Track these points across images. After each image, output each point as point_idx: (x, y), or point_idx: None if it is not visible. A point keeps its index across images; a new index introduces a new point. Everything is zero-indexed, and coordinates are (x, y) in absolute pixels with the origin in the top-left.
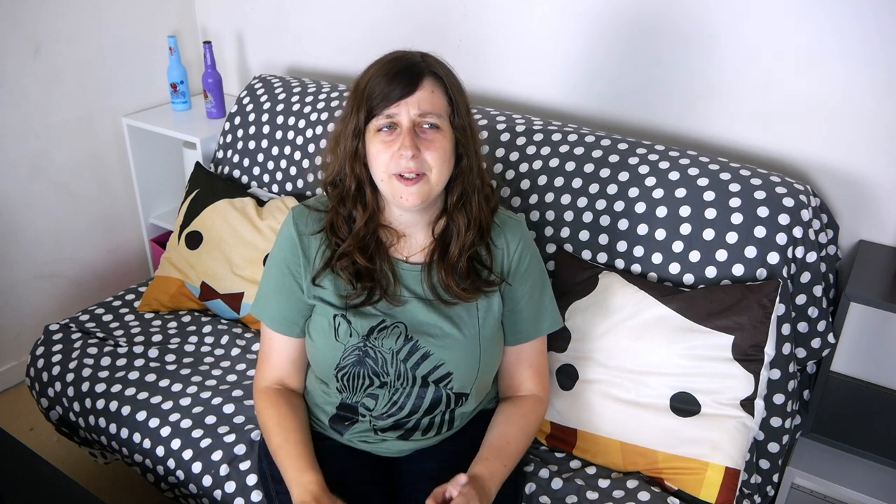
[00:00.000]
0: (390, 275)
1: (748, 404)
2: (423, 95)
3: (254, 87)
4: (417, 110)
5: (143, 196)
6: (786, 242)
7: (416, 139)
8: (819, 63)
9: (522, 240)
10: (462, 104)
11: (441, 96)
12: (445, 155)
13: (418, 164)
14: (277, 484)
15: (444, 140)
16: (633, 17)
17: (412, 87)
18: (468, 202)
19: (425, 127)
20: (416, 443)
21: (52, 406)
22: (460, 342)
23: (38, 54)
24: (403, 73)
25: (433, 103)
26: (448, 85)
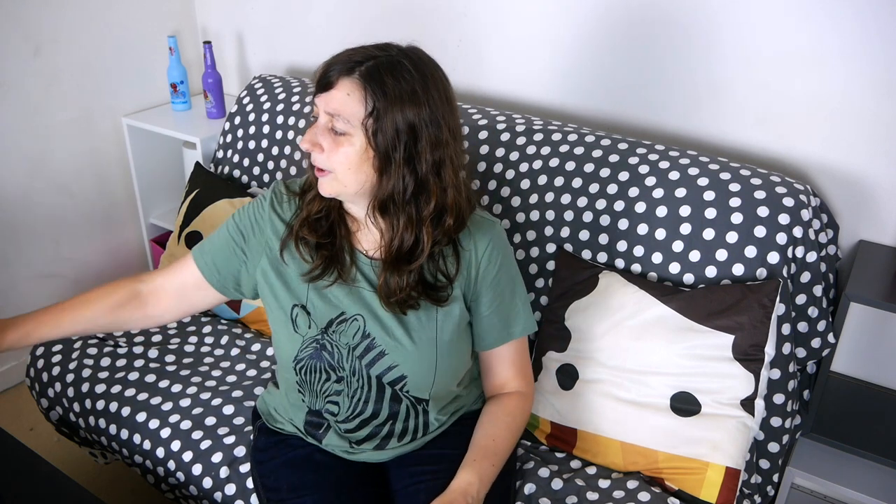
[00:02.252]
0: (348, 258)
1: (748, 404)
2: (336, 96)
3: (254, 87)
4: (328, 108)
5: (143, 196)
6: (786, 242)
7: (325, 135)
8: (819, 63)
9: (491, 242)
10: (391, 119)
11: (357, 102)
12: (348, 161)
13: (322, 160)
14: (269, 492)
15: (353, 151)
16: (632, 17)
17: (328, 84)
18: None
19: (334, 128)
20: (395, 450)
21: (52, 406)
22: (414, 346)
23: (38, 54)
24: (333, 67)
25: (343, 106)
26: (373, 92)
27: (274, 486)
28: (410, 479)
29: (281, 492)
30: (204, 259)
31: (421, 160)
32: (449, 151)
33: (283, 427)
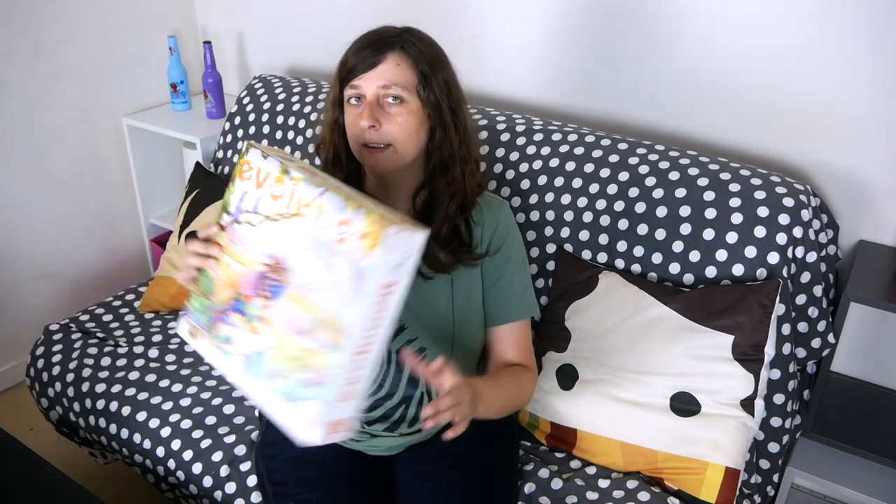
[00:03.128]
0: None
1: (748, 404)
2: (387, 68)
3: (254, 87)
4: (381, 82)
5: (143, 196)
6: (786, 242)
7: (379, 111)
8: (819, 63)
9: (503, 219)
10: (436, 79)
11: (407, 69)
12: (409, 128)
13: (380, 136)
14: (275, 486)
15: (409, 113)
16: (633, 17)
17: (376, 61)
18: (448, 173)
19: (389, 100)
20: (404, 438)
21: (52, 406)
22: (432, 317)
23: (38, 54)
24: (371, 47)
25: (397, 76)
26: (416, 59)
27: (280, 480)
28: (415, 477)
29: (287, 486)
30: None
31: (460, 114)
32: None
33: None
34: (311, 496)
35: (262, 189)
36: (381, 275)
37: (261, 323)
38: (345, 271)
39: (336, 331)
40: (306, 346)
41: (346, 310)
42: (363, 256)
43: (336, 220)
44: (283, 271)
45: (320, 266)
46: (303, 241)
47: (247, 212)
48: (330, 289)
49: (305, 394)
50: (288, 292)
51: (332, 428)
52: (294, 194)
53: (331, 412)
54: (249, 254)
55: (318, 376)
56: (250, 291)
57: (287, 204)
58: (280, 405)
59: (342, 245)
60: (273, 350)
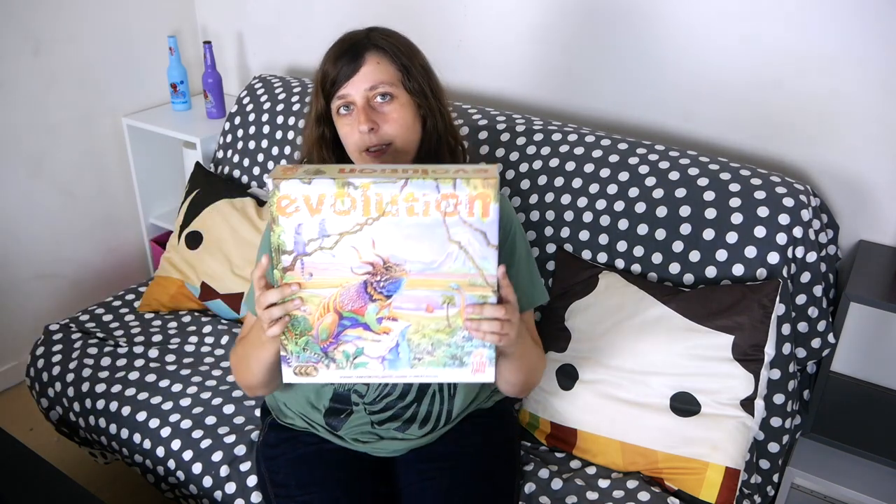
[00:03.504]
0: None
1: (748, 404)
2: (369, 70)
3: (254, 87)
4: (366, 84)
5: (143, 196)
6: (786, 242)
7: (373, 113)
8: (819, 63)
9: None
10: (415, 68)
11: (388, 65)
12: (405, 122)
13: (379, 137)
14: (276, 487)
15: (401, 108)
16: (632, 18)
17: (356, 65)
18: (440, 159)
19: (378, 100)
20: (412, 441)
21: (52, 406)
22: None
23: (38, 54)
24: (346, 53)
25: (380, 74)
26: (393, 53)
27: (282, 481)
28: (418, 477)
29: (289, 487)
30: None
31: (442, 97)
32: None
33: (294, 422)
34: (312, 497)
35: (320, 213)
36: (500, 227)
37: (389, 321)
38: (466, 236)
39: (479, 287)
40: (450, 314)
41: (482, 266)
42: (482, 216)
43: (435, 200)
44: (392, 268)
45: (435, 245)
46: (403, 233)
47: (312, 241)
48: (455, 259)
49: (469, 347)
50: (406, 282)
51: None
52: (369, 200)
53: (492, 353)
54: (337, 274)
55: (473, 330)
56: (357, 304)
57: (364, 211)
58: (444, 371)
59: (452, 217)
60: (414, 335)
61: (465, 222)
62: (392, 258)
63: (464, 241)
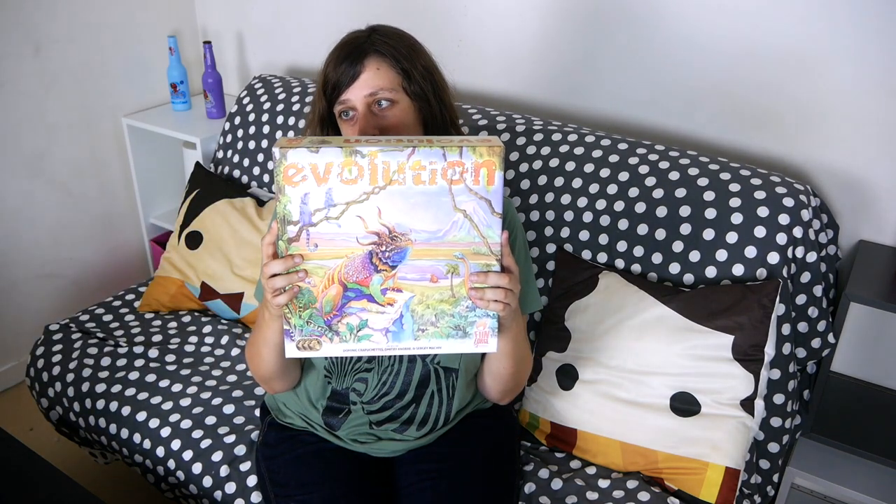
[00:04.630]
0: None
1: (748, 404)
2: (369, 76)
3: (254, 87)
4: (366, 91)
5: (143, 196)
6: (786, 242)
7: (374, 119)
8: (819, 63)
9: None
10: (417, 70)
11: (388, 70)
12: (406, 127)
13: None
14: (276, 487)
15: (401, 112)
16: (632, 18)
17: (356, 72)
18: None
19: (380, 105)
20: (410, 442)
21: (52, 406)
22: None
23: (38, 54)
24: (347, 58)
25: (380, 80)
26: (393, 57)
27: (282, 481)
28: (417, 477)
29: (289, 487)
30: None
31: (445, 98)
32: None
33: (293, 422)
34: (312, 497)
35: (327, 182)
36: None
37: (393, 292)
38: (471, 205)
39: (483, 255)
40: (454, 283)
41: (486, 234)
42: (487, 184)
43: (442, 167)
44: (398, 237)
45: (440, 214)
46: (409, 201)
47: (318, 210)
48: (460, 227)
49: (472, 317)
50: (411, 252)
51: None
52: (376, 168)
53: (495, 323)
54: (342, 244)
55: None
56: (362, 275)
57: (371, 180)
58: (447, 343)
59: (458, 185)
60: (418, 306)
61: (470, 190)
62: (398, 227)
63: (469, 209)
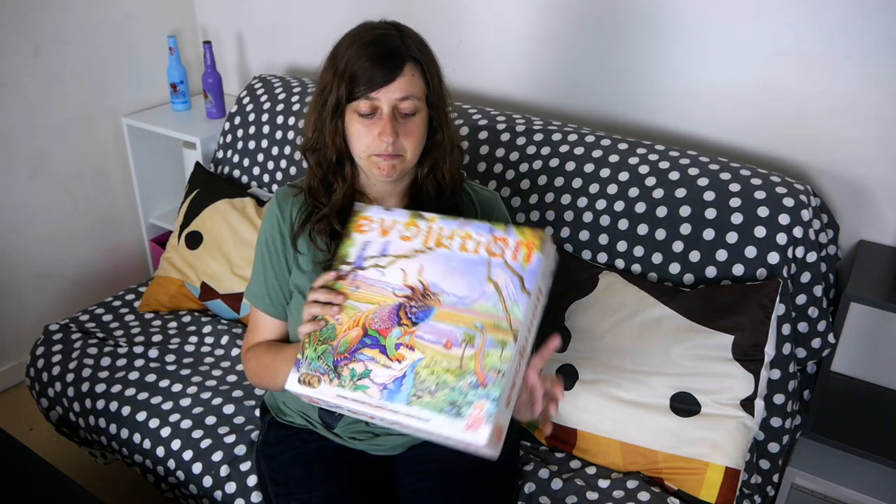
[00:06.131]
0: None
1: (748, 404)
2: (404, 81)
3: (254, 87)
4: (399, 94)
5: (143, 196)
6: (786, 242)
7: (396, 124)
8: (819, 63)
9: (495, 210)
10: (436, 81)
11: (419, 79)
12: (420, 138)
13: (395, 148)
14: (276, 486)
15: (420, 122)
16: (632, 17)
17: (394, 75)
18: (438, 171)
19: (404, 112)
20: (408, 437)
21: (52, 406)
22: None
23: (38, 54)
24: (386, 59)
25: (412, 88)
26: (426, 66)
27: (282, 480)
28: (416, 476)
29: (289, 486)
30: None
31: (447, 107)
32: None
33: (293, 420)
34: (312, 496)
35: (388, 236)
36: (538, 278)
37: (406, 349)
38: (504, 278)
39: (502, 330)
40: (465, 354)
41: (511, 309)
42: (524, 262)
43: (487, 241)
44: (430, 296)
45: (473, 281)
46: (449, 265)
47: (371, 257)
48: (488, 298)
49: (471, 396)
50: (436, 312)
51: (498, 432)
52: (431, 231)
53: (498, 412)
54: (380, 292)
55: (482, 378)
56: (385, 325)
57: (424, 241)
58: (436, 417)
59: (497, 258)
60: (423, 370)
61: (507, 264)
62: (432, 286)
63: (501, 281)
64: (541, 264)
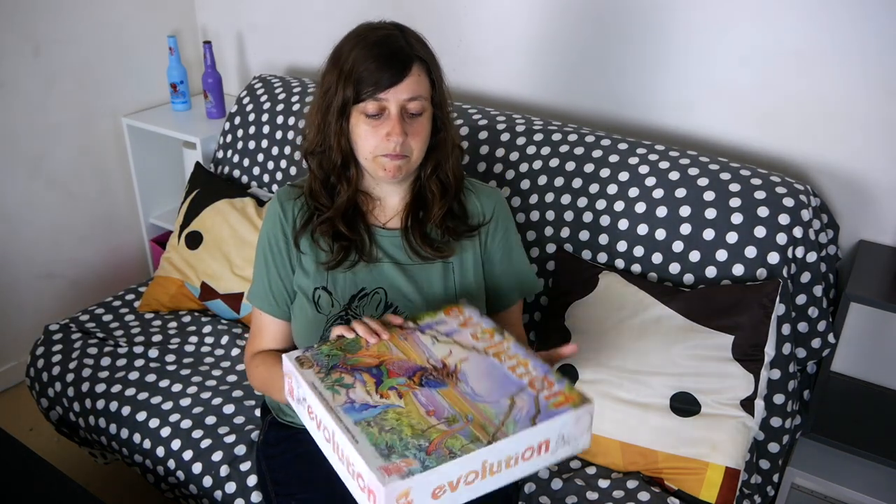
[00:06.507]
0: (367, 238)
1: (748, 404)
2: (412, 81)
3: (254, 87)
4: (406, 95)
5: (143, 196)
6: (786, 242)
7: (404, 124)
8: (819, 63)
9: (497, 204)
10: (439, 80)
11: (425, 79)
12: (426, 137)
13: (403, 148)
14: (276, 485)
15: (426, 122)
16: (631, 17)
17: (402, 75)
18: (441, 171)
19: (411, 112)
20: None
21: (52, 406)
22: (438, 304)
23: (38, 54)
24: (393, 60)
25: (420, 88)
26: (430, 65)
27: (283, 479)
28: None
29: (290, 486)
30: (267, 307)
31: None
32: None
33: (294, 420)
34: (312, 496)
35: (465, 328)
36: (553, 430)
37: (394, 393)
38: (524, 403)
39: (485, 431)
40: (437, 426)
41: (506, 424)
42: (552, 405)
43: (536, 376)
44: (451, 376)
45: (497, 391)
46: (489, 371)
47: (438, 331)
48: (497, 406)
49: (410, 453)
50: (443, 390)
51: (403, 499)
52: (501, 345)
53: (419, 480)
54: (418, 352)
55: (432, 447)
56: (397, 372)
57: (487, 347)
58: (366, 448)
59: (531, 390)
60: (394, 413)
61: (535, 398)
62: (461, 374)
63: (518, 404)
64: (565, 416)
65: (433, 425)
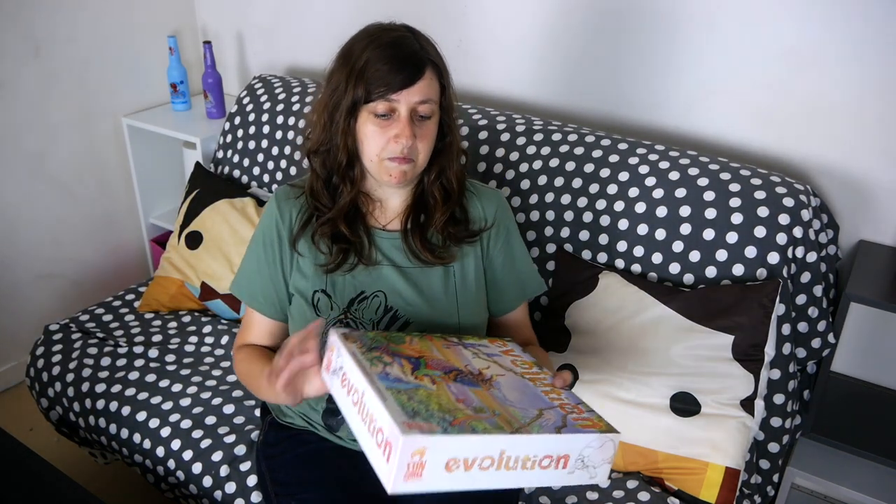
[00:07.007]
0: (366, 240)
1: (748, 404)
2: (424, 85)
3: (254, 87)
4: (418, 98)
5: (143, 196)
6: (786, 242)
7: (413, 127)
8: (819, 63)
9: (499, 206)
10: (448, 85)
11: (436, 83)
12: (432, 141)
13: (410, 151)
14: (277, 486)
15: (433, 126)
16: (632, 17)
17: (416, 77)
18: (445, 176)
19: (421, 115)
20: None
21: (52, 406)
22: (437, 307)
23: (38, 54)
24: (406, 63)
25: (430, 92)
26: (442, 71)
27: (283, 480)
28: None
29: (290, 486)
30: (259, 305)
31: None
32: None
33: (294, 422)
34: (312, 496)
35: (508, 356)
36: (575, 445)
37: (428, 379)
38: (551, 416)
39: (509, 424)
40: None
41: (531, 426)
42: (578, 424)
43: (568, 402)
44: (485, 382)
45: (525, 400)
46: (522, 390)
47: (480, 350)
48: (524, 412)
49: (434, 419)
50: (476, 389)
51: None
52: (538, 375)
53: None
54: (458, 358)
55: (457, 422)
56: (436, 367)
57: (524, 372)
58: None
59: (561, 411)
60: (425, 391)
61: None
62: (496, 384)
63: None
64: (590, 436)
65: (461, 409)
